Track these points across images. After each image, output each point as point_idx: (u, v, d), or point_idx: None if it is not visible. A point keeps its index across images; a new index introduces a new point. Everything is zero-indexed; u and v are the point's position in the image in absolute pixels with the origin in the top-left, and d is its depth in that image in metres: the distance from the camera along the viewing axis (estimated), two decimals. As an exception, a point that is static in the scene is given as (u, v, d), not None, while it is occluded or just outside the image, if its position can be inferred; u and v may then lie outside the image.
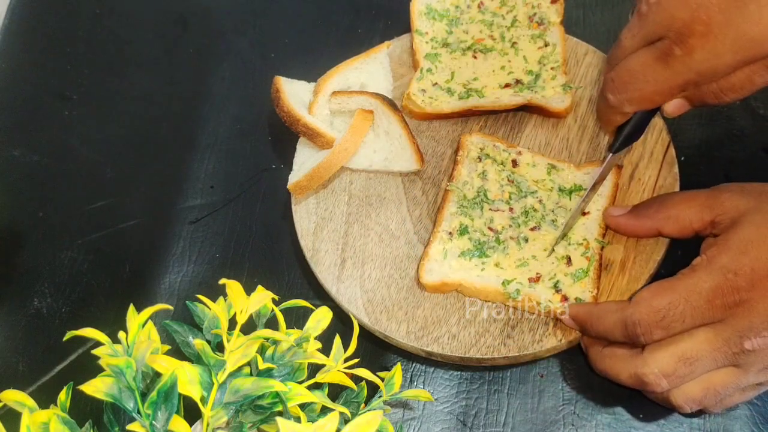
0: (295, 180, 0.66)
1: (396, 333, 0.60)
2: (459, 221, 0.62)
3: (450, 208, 0.63)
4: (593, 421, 0.58)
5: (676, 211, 0.57)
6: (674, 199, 0.58)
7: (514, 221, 0.62)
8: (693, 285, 0.51)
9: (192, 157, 0.74)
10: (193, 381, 0.47)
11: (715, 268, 0.51)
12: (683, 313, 0.51)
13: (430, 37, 0.73)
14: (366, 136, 0.67)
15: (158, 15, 0.83)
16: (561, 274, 0.60)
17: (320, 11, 0.81)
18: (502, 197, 0.63)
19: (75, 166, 0.75)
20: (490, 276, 0.60)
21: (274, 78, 0.69)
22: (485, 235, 0.62)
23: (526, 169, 0.65)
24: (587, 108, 0.69)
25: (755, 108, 0.68)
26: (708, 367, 0.51)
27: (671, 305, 0.51)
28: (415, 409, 0.60)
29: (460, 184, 0.64)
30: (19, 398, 0.49)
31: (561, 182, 0.64)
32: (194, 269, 0.68)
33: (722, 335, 0.50)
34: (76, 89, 0.79)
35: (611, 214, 0.61)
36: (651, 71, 0.53)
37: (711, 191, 0.56)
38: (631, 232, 0.60)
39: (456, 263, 0.61)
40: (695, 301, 0.50)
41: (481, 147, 0.66)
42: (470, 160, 0.65)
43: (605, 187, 0.63)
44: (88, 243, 0.70)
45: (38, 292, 0.68)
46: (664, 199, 0.59)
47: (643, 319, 0.52)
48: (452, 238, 0.62)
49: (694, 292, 0.51)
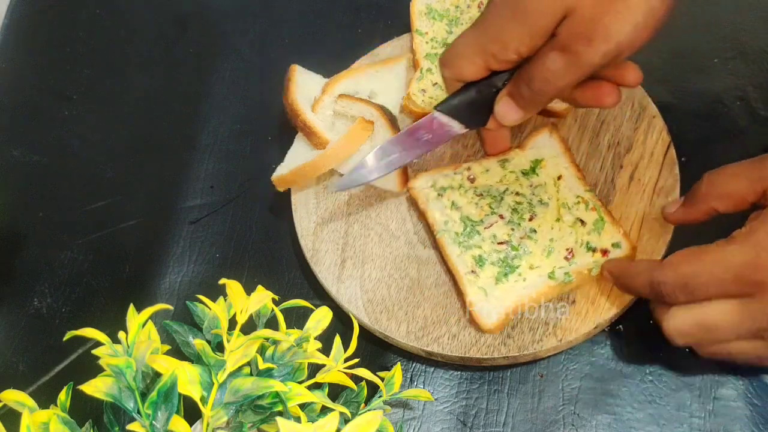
0: (280, 173, 0.66)
1: (396, 333, 0.60)
2: (470, 256, 0.62)
3: (453, 252, 0.62)
4: (593, 421, 0.58)
5: (727, 188, 0.56)
6: (722, 177, 0.57)
7: (512, 224, 0.62)
8: (722, 258, 0.51)
9: (192, 157, 0.74)
10: (193, 381, 0.47)
11: (750, 243, 0.50)
12: (706, 283, 0.51)
13: (430, 37, 0.73)
14: (362, 146, 0.67)
15: (158, 15, 0.83)
16: (585, 235, 0.61)
17: (320, 11, 0.81)
18: (485, 212, 0.63)
19: (75, 166, 0.75)
20: (534, 279, 0.60)
21: (291, 66, 0.69)
22: (500, 251, 0.61)
23: (484, 177, 0.65)
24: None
25: (755, 108, 0.68)
26: (728, 337, 0.52)
27: (695, 273, 0.51)
28: (415, 409, 0.60)
29: (443, 226, 0.63)
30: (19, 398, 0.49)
31: (519, 167, 0.65)
32: (194, 269, 0.68)
33: (748, 309, 0.50)
34: (76, 89, 0.79)
35: (668, 212, 0.60)
36: (460, 39, 0.56)
37: (756, 161, 0.56)
38: (693, 220, 0.59)
39: (499, 292, 0.60)
40: (721, 274, 0.50)
41: (432, 184, 0.65)
42: (433, 201, 0.64)
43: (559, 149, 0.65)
44: (88, 243, 0.70)
45: (38, 292, 0.68)
46: (712, 179, 0.58)
47: (668, 281, 0.52)
48: (478, 275, 0.61)
49: (721, 265, 0.50)
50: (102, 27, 0.83)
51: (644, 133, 0.66)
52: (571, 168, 0.64)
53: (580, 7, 0.50)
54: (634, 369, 0.59)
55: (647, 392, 0.58)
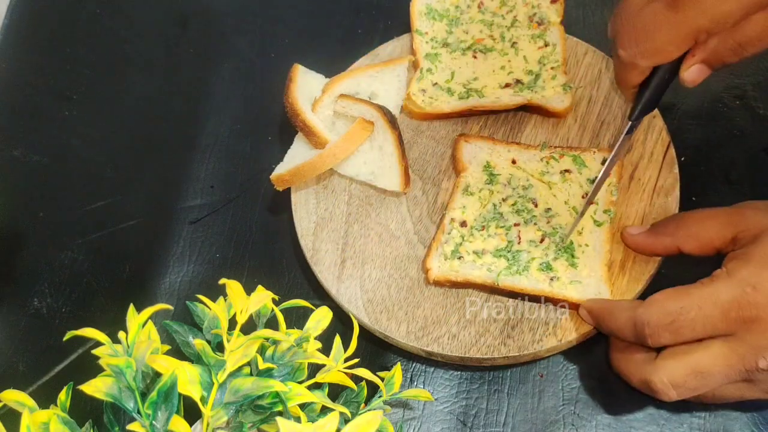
0: (278, 172, 0.66)
1: (396, 333, 0.60)
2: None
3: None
4: (593, 421, 0.58)
5: (697, 228, 0.56)
6: (694, 217, 0.57)
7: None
8: (709, 294, 0.50)
9: (192, 157, 0.74)
10: (193, 381, 0.47)
11: (735, 280, 0.50)
12: (694, 320, 0.50)
13: (430, 37, 0.73)
14: (361, 146, 0.67)
15: (158, 15, 0.83)
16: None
17: (320, 11, 0.81)
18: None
19: (75, 166, 0.75)
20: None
21: (293, 65, 0.69)
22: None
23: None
24: (587, 108, 0.69)
25: (755, 108, 0.68)
26: (719, 382, 0.51)
27: (683, 310, 0.50)
28: (415, 409, 0.60)
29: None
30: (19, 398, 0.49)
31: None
32: (194, 269, 0.68)
33: (737, 351, 0.49)
34: (76, 89, 0.79)
35: (630, 233, 0.60)
36: (662, 18, 0.51)
37: (733, 208, 0.56)
38: (650, 251, 0.59)
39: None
40: (708, 311, 0.50)
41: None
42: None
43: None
44: (88, 243, 0.70)
45: (38, 292, 0.68)
46: (683, 217, 0.58)
47: (653, 320, 0.51)
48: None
49: (709, 301, 0.50)
50: (102, 27, 0.83)
51: (644, 133, 0.66)
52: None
53: None
54: (634, 369, 0.59)
55: (647, 392, 0.58)
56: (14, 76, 0.80)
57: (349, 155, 0.66)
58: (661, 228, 0.58)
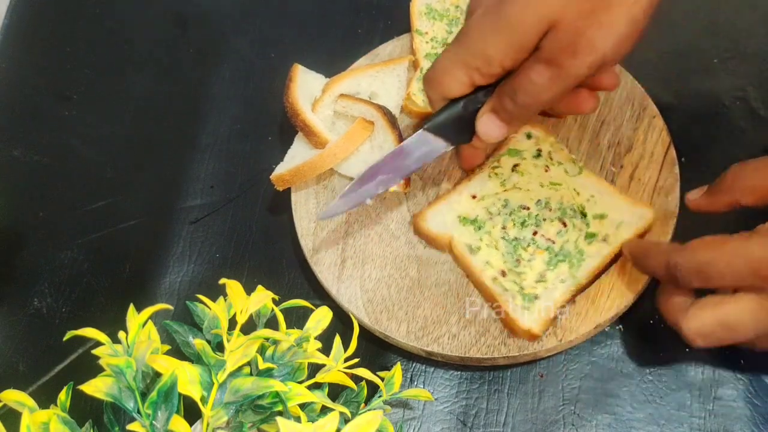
0: (279, 172, 0.66)
1: (396, 333, 0.60)
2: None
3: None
4: (593, 421, 0.58)
5: (753, 181, 0.56)
6: (748, 169, 0.57)
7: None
8: (742, 249, 0.50)
9: (192, 157, 0.74)
10: (193, 381, 0.47)
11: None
12: (722, 272, 0.50)
13: (430, 37, 0.73)
14: (361, 146, 0.67)
15: (158, 15, 0.83)
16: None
17: (320, 11, 0.81)
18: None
19: (75, 166, 0.75)
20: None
21: (293, 65, 0.69)
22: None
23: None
24: (587, 108, 0.69)
25: (755, 108, 0.68)
26: (747, 335, 0.51)
27: (712, 261, 0.51)
28: (415, 409, 0.60)
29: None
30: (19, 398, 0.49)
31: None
32: (194, 269, 0.68)
33: (766, 307, 0.50)
34: (76, 89, 0.79)
35: (690, 198, 0.60)
36: (446, 54, 0.56)
37: None
38: (713, 211, 0.59)
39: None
40: (738, 266, 0.50)
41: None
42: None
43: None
44: (88, 243, 0.70)
45: (38, 292, 0.68)
46: (737, 172, 0.57)
47: (684, 265, 0.52)
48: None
49: (740, 256, 0.50)
50: (102, 27, 0.83)
51: (644, 133, 0.66)
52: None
53: (564, 20, 0.50)
54: (634, 369, 0.59)
55: (647, 392, 0.58)
56: (14, 76, 0.80)
57: (349, 155, 0.66)
58: (718, 185, 0.58)
